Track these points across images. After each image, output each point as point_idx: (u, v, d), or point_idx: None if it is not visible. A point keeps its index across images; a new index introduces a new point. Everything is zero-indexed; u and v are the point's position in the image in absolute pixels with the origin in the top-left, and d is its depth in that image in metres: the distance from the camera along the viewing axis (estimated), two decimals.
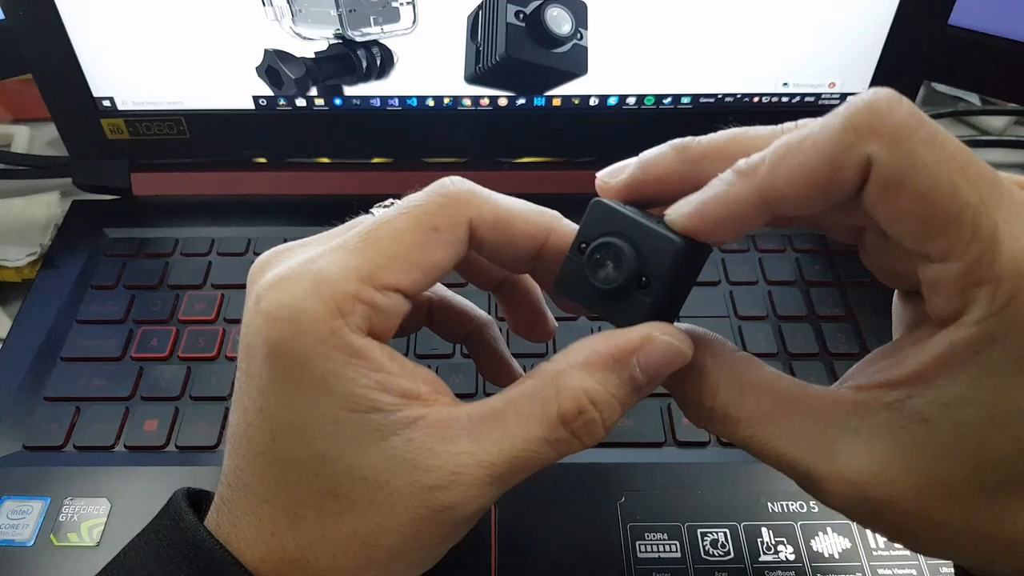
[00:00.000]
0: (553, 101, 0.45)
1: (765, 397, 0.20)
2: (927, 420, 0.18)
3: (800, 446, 0.19)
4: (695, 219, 0.19)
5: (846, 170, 0.17)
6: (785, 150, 0.18)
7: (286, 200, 0.48)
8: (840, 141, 0.17)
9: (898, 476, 0.18)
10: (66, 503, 0.33)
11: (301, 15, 0.41)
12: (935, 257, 0.18)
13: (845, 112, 0.17)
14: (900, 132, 0.17)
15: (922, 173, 0.17)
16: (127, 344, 0.39)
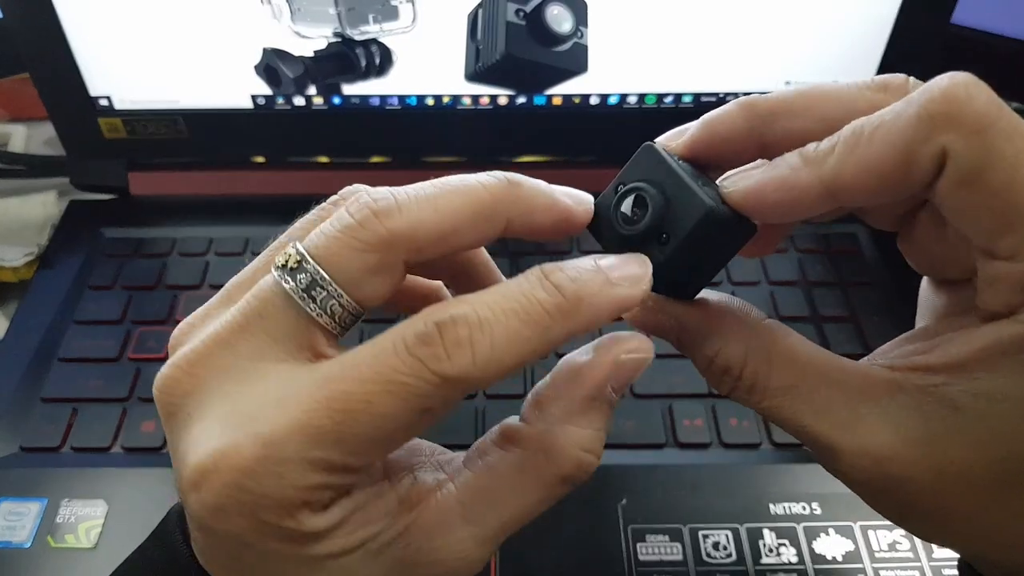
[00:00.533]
0: (553, 100, 0.45)
1: (793, 368, 0.20)
2: (959, 408, 0.18)
3: (824, 419, 0.19)
4: (752, 197, 0.18)
5: (920, 163, 0.17)
6: (855, 140, 0.17)
7: (284, 200, 0.47)
8: (915, 131, 0.16)
9: (920, 457, 0.18)
10: (63, 504, 0.32)
11: (300, 13, 0.41)
12: (1001, 255, 0.17)
13: (920, 99, 0.16)
14: (979, 123, 0.16)
15: (1000, 168, 0.16)
16: (124, 345, 0.39)
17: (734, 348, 0.20)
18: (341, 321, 0.18)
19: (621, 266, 0.18)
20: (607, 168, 0.48)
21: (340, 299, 0.18)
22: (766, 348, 0.20)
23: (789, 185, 0.18)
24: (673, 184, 0.19)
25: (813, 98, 0.19)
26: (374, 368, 0.17)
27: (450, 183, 0.18)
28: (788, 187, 0.18)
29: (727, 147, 0.20)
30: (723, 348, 0.20)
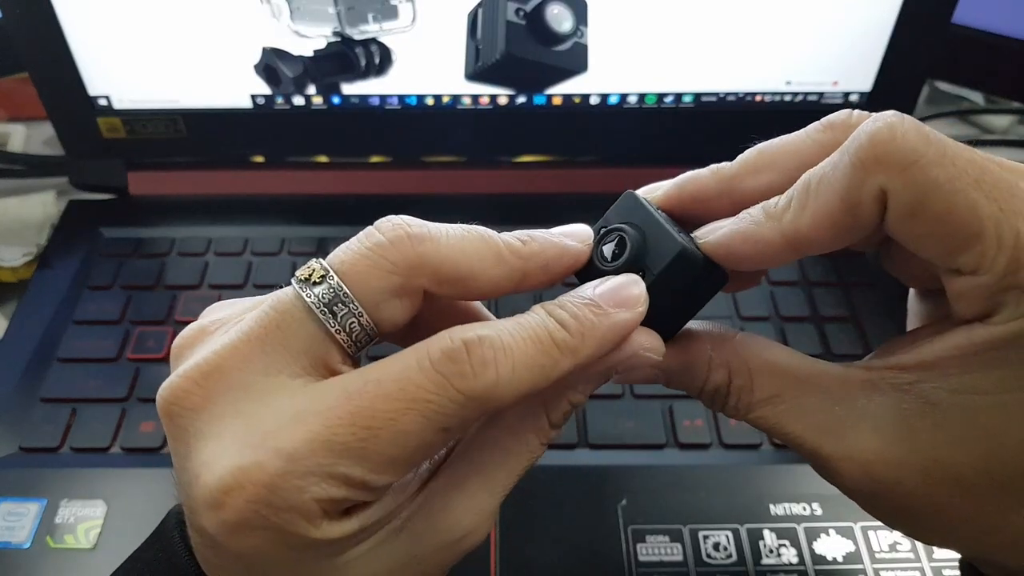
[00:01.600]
0: (553, 99, 0.45)
1: (773, 377, 0.20)
2: (936, 404, 0.18)
3: (808, 424, 0.20)
4: (722, 248, 0.20)
5: (864, 206, 0.18)
6: (805, 195, 0.19)
7: (284, 199, 0.47)
8: (852, 179, 0.18)
9: (904, 457, 0.19)
10: (62, 505, 0.32)
11: (299, 13, 0.41)
12: (964, 271, 0.18)
13: (851, 148, 0.18)
14: (907, 159, 0.17)
15: (937, 196, 0.17)
16: (123, 345, 0.39)
17: (717, 373, 0.21)
18: (357, 340, 0.19)
19: (616, 292, 0.19)
20: (607, 168, 0.48)
21: (360, 318, 0.18)
22: (746, 363, 0.21)
23: (755, 239, 0.19)
24: (651, 227, 0.20)
25: (770, 154, 0.21)
26: (399, 385, 0.17)
27: (477, 230, 0.19)
28: (754, 240, 0.19)
29: (700, 205, 0.21)
30: (709, 376, 0.21)
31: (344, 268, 0.18)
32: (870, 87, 0.44)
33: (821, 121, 0.20)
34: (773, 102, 0.45)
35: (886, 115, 0.18)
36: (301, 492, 0.16)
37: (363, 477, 0.17)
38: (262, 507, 0.16)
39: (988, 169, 0.17)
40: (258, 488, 0.16)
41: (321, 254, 0.20)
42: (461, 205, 0.47)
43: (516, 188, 0.48)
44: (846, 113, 0.20)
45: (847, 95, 0.45)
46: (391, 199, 0.47)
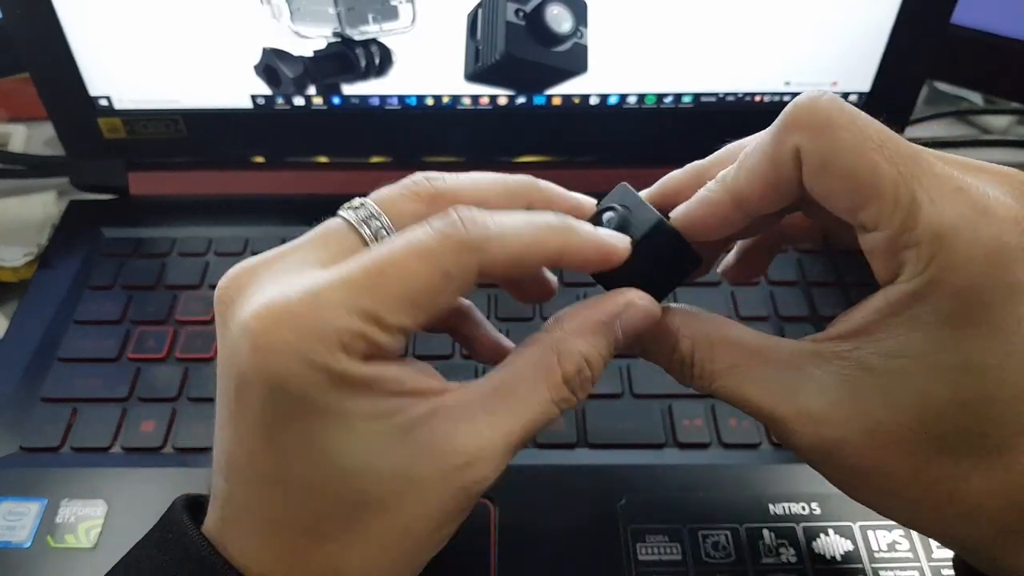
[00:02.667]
0: (553, 100, 0.45)
1: (732, 349, 0.23)
2: (871, 369, 0.20)
3: (764, 390, 0.22)
4: (687, 219, 0.23)
5: (784, 163, 0.21)
6: (744, 158, 0.22)
7: (284, 200, 0.48)
8: (775, 138, 0.21)
9: (848, 417, 0.20)
10: (63, 504, 0.32)
11: (299, 13, 0.41)
12: (867, 227, 0.20)
13: (780, 115, 0.21)
14: (820, 122, 0.20)
15: (842, 155, 0.20)
16: (124, 345, 0.39)
17: (683, 342, 0.23)
18: None
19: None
20: (607, 168, 0.48)
21: (390, 231, 0.22)
22: (708, 336, 0.23)
23: (708, 202, 0.23)
24: (636, 207, 0.24)
25: (737, 147, 0.24)
26: (405, 240, 0.20)
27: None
28: (708, 203, 0.23)
29: (678, 196, 0.24)
30: (675, 344, 0.23)
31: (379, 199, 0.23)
32: (869, 87, 0.44)
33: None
34: (772, 102, 0.45)
35: (813, 90, 0.21)
36: (324, 321, 0.19)
37: (376, 311, 0.19)
38: (288, 331, 0.19)
39: (892, 140, 0.20)
40: (283, 312, 0.19)
41: None
42: None
43: None
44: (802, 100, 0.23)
45: (846, 95, 0.45)
46: None
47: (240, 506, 0.20)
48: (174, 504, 0.22)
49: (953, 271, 0.19)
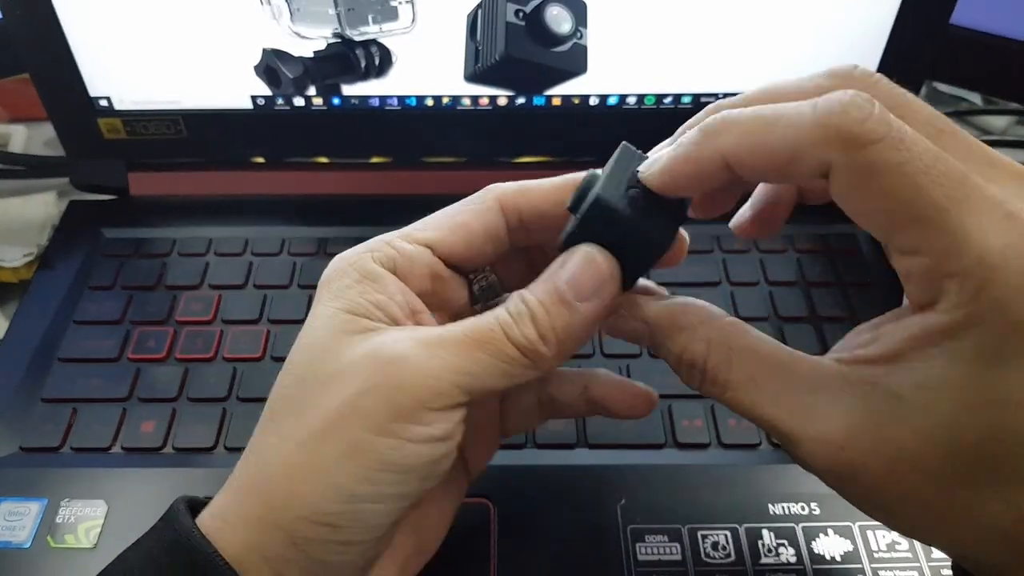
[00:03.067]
0: (553, 100, 0.45)
1: (751, 362, 0.21)
2: (901, 397, 0.19)
3: (782, 409, 0.21)
4: (664, 177, 0.21)
5: (806, 164, 0.19)
6: (755, 124, 0.20)
7: (284, 200, 0.48)
8: (807, 137, 0.19)
9: (871, 445, 0.19)
10: (63, 505, 0.32)
11: (299, 14, 0.41)
12: (905, 250, 0.19)
13: (819, 109, 0.19)
14: (863, 138, 0.18)
15: (882, 176, 0.18)
16: (124, 345, 0.39)
17: (698, 345, 0.22)
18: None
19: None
20: None
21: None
22: (726, 343, 0.22)
23: (694, 158, 0.20)
24: (604, 174, 0.22)
25: (773, 94, 0.22)
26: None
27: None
28: (694, 160, 0.20)
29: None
30: (688, 345, 0.22)
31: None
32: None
33: (827, 69, 0.21)
34: None
35: (863, 95, 0.18)
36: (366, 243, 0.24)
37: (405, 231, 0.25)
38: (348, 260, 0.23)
39: (941, 160, 0.18)
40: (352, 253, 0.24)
41: (322, 254, 0.22)
42: None
43: None
44: (851, 66, 0.21)
45: None
46: (391, 199, 0.47)
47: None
48: (175, 504, 0.22)
49: (1000, 306, 0.17)
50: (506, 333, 0.21)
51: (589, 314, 0.22)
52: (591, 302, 0.22)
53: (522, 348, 0.21)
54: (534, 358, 0.22)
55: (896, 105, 0.20)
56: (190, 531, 0.21)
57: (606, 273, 0.22)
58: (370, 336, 0.21)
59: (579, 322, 0.22)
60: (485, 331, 0.22)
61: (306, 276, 0.42)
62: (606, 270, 0.22)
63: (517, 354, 0.21)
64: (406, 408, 0.20)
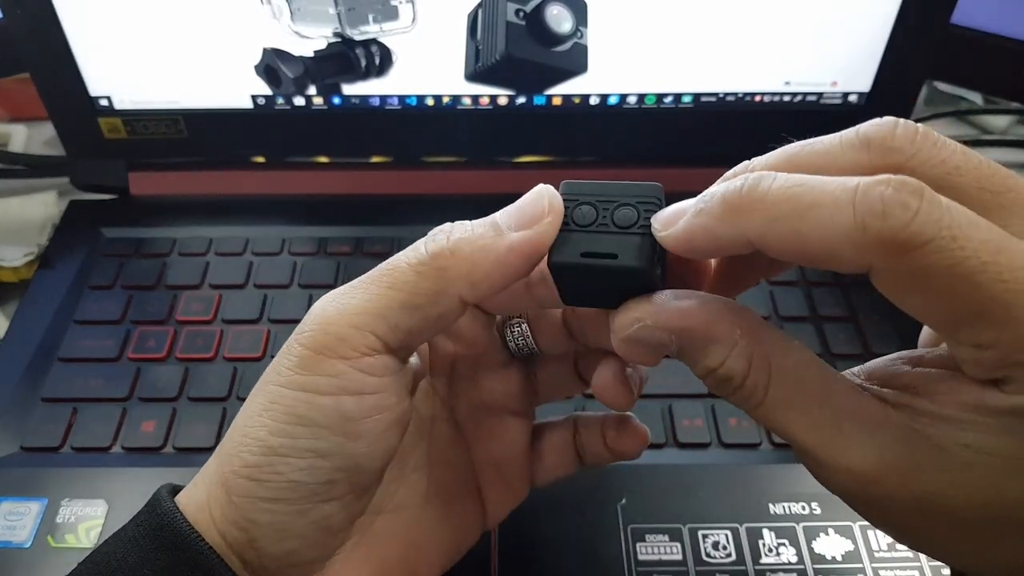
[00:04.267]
0: (553, 100, 0.45)
1: (791, 383, 0.20)
2: (944, 449, 0.18)
3: (814, 433, 0.20)
4: (680, 244, 0.19)
5: (845, 264, 0.17)
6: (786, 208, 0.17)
7: (284, 200, 0.48)
8: (845, 239, 0.17)
9: (901, 482, 0.19)
10: (63, 504, 0.32)
11: (300, 13, 0.41)
12: (967, 343, 0.17)
13: (857, 212, 0.16)
14: (909, 243, 0.16)
15: (935, 279, 0.16)
16: (124, 344, 0.39)
17: (737, 361, 0.20)
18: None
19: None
20: (607, 168, 0.48)
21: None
22: (768, 360, 0.20)
23: (715, 234, 0.19)
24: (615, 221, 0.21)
25: (801, 164, 0.19)
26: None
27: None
28: (714, 237, 0.19)
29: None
30: (728, 359, 0.20)
31: None
32: (869, 87, 0.44)
33: (859, 134, 0.19)
34: (772, 102, 0.45)
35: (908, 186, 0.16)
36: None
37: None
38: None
39: (1004, 248, 0.16)
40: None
41: (323, 254, 0.21)
42: (461, 205, 0.46)
43: (516, 188, 0.47)
44: (888, 129, 0.18)
45: (846, 95, 0.45)
46: (391, 199, 0.47)
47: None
48: (158, 491, 0.22)
49: None
50: (406, 258, 0.21)
51: (516, 242, 0.20)
52: (523, 232, 0.20)
53: (421, 267, 0.21)
54: (434, 277, 0.21)
55: (945, 173, 0.18)
56: (159, 494, 0.22)
57: (545, 207, 0.21)
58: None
59: (502, 247, 0.20)
60: (386, 264, 0.21)
61: (306, 276, 0.42)
62: (547, 206, 0.21)
63: (415, 276, 0.21)
64: (309, 360, 0.21)
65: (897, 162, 0.18)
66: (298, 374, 0.21)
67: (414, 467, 0.26)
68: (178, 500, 0.22)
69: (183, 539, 0.20)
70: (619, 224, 0.20)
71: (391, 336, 0.21)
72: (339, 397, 0.21)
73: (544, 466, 0.28)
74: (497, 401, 0.27)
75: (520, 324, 0.26)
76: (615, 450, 0.27)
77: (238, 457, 0.21)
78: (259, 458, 0.21)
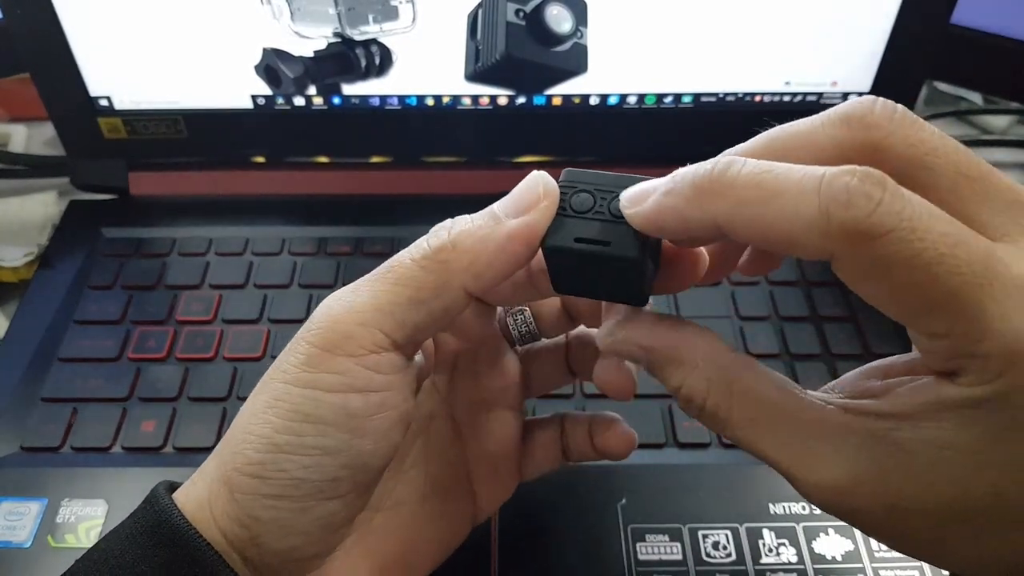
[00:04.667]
0: (553, 100, 0.45)
1: (752, 403, 0.20)
2: (908, 451, 0.19)
3: (783, 452, 0.20)
4: (648, 223, 0.20)
5: (807, 250, 0.17)
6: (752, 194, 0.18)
7: (284, 200, 0.48)
8: (808, 226, 0.17)
9: (871, 492, 0.19)
10: (63, 504, 0.32)
11: (300, 13, 0.41)
12: (922, 332, 0.18)
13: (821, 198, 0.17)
14: (870, 232, 0.16)
15: (894, 269, 0.17)
16: (124, 344, 0.39)
17: (696, 382, 0.21)
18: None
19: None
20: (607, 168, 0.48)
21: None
22: (727, 383, 0.20)
23: (683, 215, 0.19)
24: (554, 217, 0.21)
25: (781, 146, 0.20)
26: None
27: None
28: (683, 217, 0.19)
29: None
30: (686, 380, 0.21)
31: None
32: (869, 87, 0.44)
33: (838, 112, 0.19)
34: (772, 102, 0.45)
35: (872, 177, 0.16)
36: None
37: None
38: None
39: (963, 240, 0.17)
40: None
41: (322, 254, 0.21)
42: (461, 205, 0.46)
43: None
44: (867, 106, 0.19)
45: (846, 95, 0.45)
46: (391, 199, 0.47)
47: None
48: (156, 488, 0.22)
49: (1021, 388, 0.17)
50: (410, 254, 0.21)
51: (513, 229, 0.21)
52: (519, 219, 0.21)
53: (424, 261, 0.21)
54: (438, 271, 0.21)
55: (924, 153, 0.18)
56: (157, 491, 0.22)
57: (540, 193, 0.21)
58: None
59: (501, 235, 0.21)
60: (391, 261, 0.21)
61: (306, 276, 0.42)
62: (542, 192, 0.21)
63: (419, 271, 0.21)
64: (315, 358, 0.21)
65: (875, 138, 0.18)
66: (304, 371, 0.21)
67: (412, 464, 0.26)
68: (176, 497, 0.22)
69: (181, 535, 0.20)
70: (615, 213, 0.20)
71: (398, 332, 0.21)
72: (346, 395, 0.21)
73: (532, 461, 0.28)
74: (494, 395, 0.27)
75: (523, 311, 0.26)
76: (602, 450, 0.27)
77: (241, 454, 0.21)
78: (264, 455, 0.21)
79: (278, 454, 0.20)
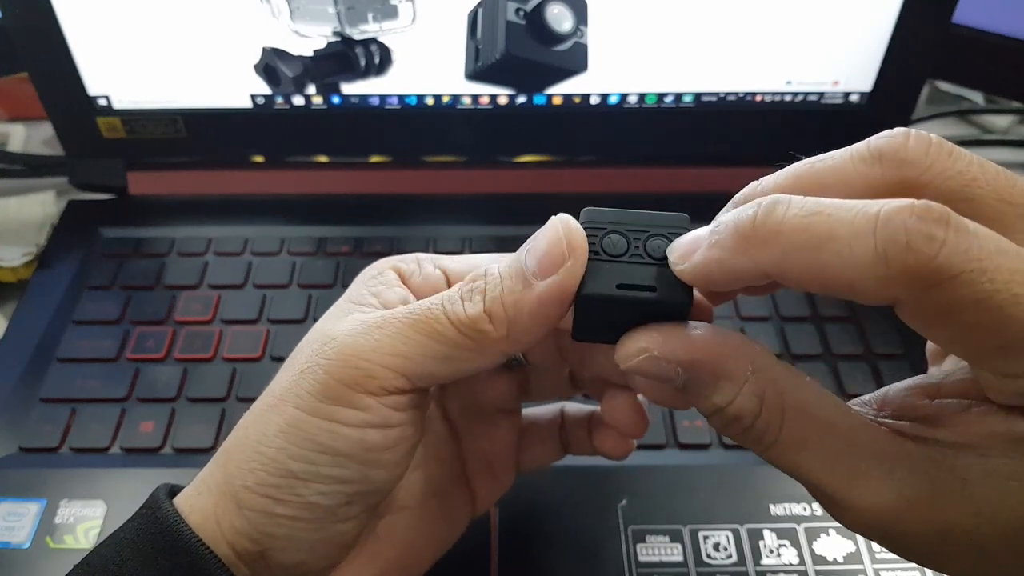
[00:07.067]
0: (553, 99, 0.45)
1: (804, 422, 0.19)
2: (968, 480, 0.18)
3: (829, 473, 0.19)
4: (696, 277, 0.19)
5: (868, 297, 0.16)
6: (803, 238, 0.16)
7: (283, 199, 0.47)
8: (868, 273, 0.16)
9: (925, 517, 0.18)
10: (62, 505, 0.32)
11: (299, 12, 0.41)
12: (991, 371, 0.17)
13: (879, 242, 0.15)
14: (937, 276, 0.15)
15: (964, 313, 0.16)
16: (123, 345, 0.39)
17: (747, 399, 0.19)
18: None
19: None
20: (607, 168, 0.48)
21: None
22: (780, 400, 0.19)
23: (730, 269, 0.18)
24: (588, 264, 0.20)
25: (809, 184, 0.18)
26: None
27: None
28: (729, 271, 0.18)
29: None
30: (737, 399, 0.19)
31: None
32: (870, 87, 0.44)
33: (869, 148, 0.18)
34: (773, 102, 0.45)
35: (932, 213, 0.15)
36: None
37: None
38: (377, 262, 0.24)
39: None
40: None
41: (322, 254, 0.21)
42: (461, 205, 0.47)
43: (516, 188, 0.48)
44: (900, 141, 0.18)
45: (847, 95, 0.45)
46: (391, 199, 0.47)
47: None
48: (156, 491, 0.22)
49: None
50: (446, 311, 0.20)
51: (544, 293, 0.19)
52: (549, 280, 0.19)
53: (462, 327, 0.20)
54: (477, 339, 0.20)
55: (963, 184, 0.17)
56: (158, 497, 0.22)
57: (564, 250, 0.19)
58: (344, 318, 0.22)
59: (532, 300, 0.20)
60: (424, 310, 0.21)
61: (306, 276, 0.42)
62: (566, 248, 0.19)
63: (456, 334, 0.20)
64: (334, 390, 0.20)
65: (911, 176, 0.17)
66: (321, 402, 0.20)
67: (412, 467, 0.26)
68: (179, 505, 0.21)
69: (184, 544, 0.20)
70: (652, 255, 0.19)
71: (424, 381, 0.21)
72: (364, 429, 0.21)
73: (531, 455, 0.28)
74: (489, 402, 0.27)
75: None
76: (601, 449, 0.27)
77: (252, 474, 0.21)
78: (278, 479, 0.20)
79: (293, 480, 0.20)
